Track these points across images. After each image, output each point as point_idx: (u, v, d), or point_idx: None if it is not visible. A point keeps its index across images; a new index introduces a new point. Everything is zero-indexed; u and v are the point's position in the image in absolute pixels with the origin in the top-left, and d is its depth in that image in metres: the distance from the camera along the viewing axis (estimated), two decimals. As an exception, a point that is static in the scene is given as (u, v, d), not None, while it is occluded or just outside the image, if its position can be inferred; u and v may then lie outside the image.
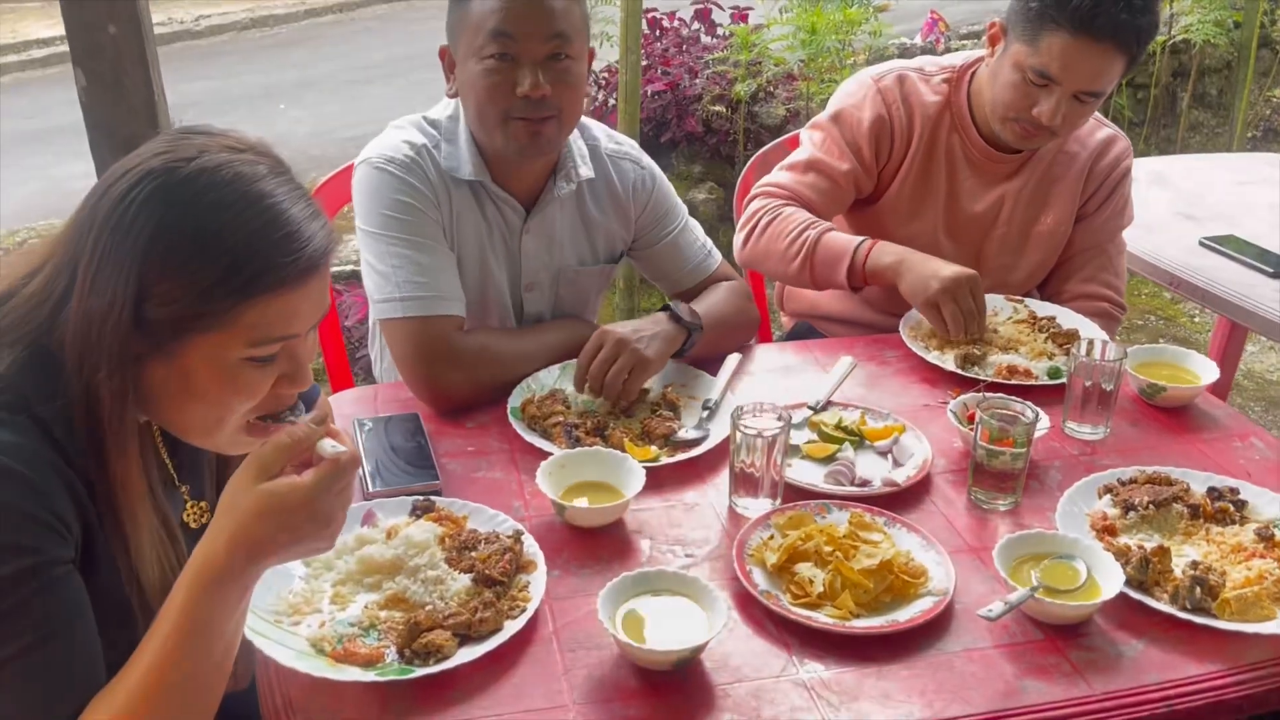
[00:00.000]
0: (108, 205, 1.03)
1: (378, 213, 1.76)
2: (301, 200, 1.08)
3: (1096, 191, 2.15)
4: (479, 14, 1.70)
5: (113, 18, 1.55)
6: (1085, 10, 1.82)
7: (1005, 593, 1.31)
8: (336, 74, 7.92)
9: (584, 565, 1.39)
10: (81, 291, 1.03)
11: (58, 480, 1.04)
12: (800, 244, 2.01)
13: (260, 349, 1.07)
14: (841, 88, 2.17)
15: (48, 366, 1.06)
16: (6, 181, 5.95)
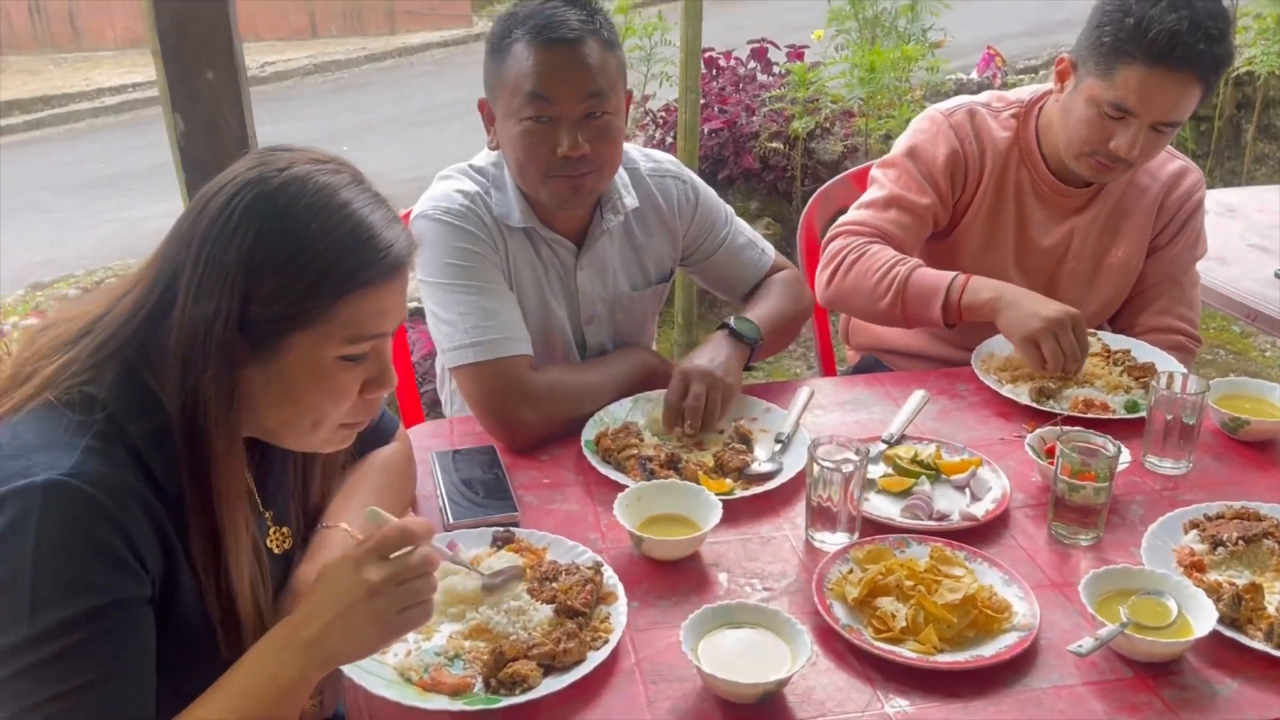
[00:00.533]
0: (208, 217, 1.08)
1: (439, 262, 1.79)
2: (382, 207, 1.14)
3: (1169, 224, 2.13)
4: (515, 75, 1.72)
5: (211, 64, 1.62)
6: (1162, 42, 1.81)
7: (1091, 629, 1.29)
8: (397, 117, 8.09)
9: (662, 597, 1.40)
10: (185, 301, 1.07)
11: (144, 513, 1.06)
12: (890, 281, 1.99)
13: (354, 346, 1.12)
14: (912, 125, 2.17)
15: (138, 388, 1.10)
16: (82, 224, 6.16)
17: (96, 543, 1.02)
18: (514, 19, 1.75)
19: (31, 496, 1.00)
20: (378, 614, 1.06)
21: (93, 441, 1.05)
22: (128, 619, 1.05)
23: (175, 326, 1.08)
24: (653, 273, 2.03)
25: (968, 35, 6.59)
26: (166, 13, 1.65)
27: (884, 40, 4.59)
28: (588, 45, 1.72)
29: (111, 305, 1.13)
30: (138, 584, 1.06)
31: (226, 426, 1.10)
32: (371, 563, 1.06)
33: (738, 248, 2.07)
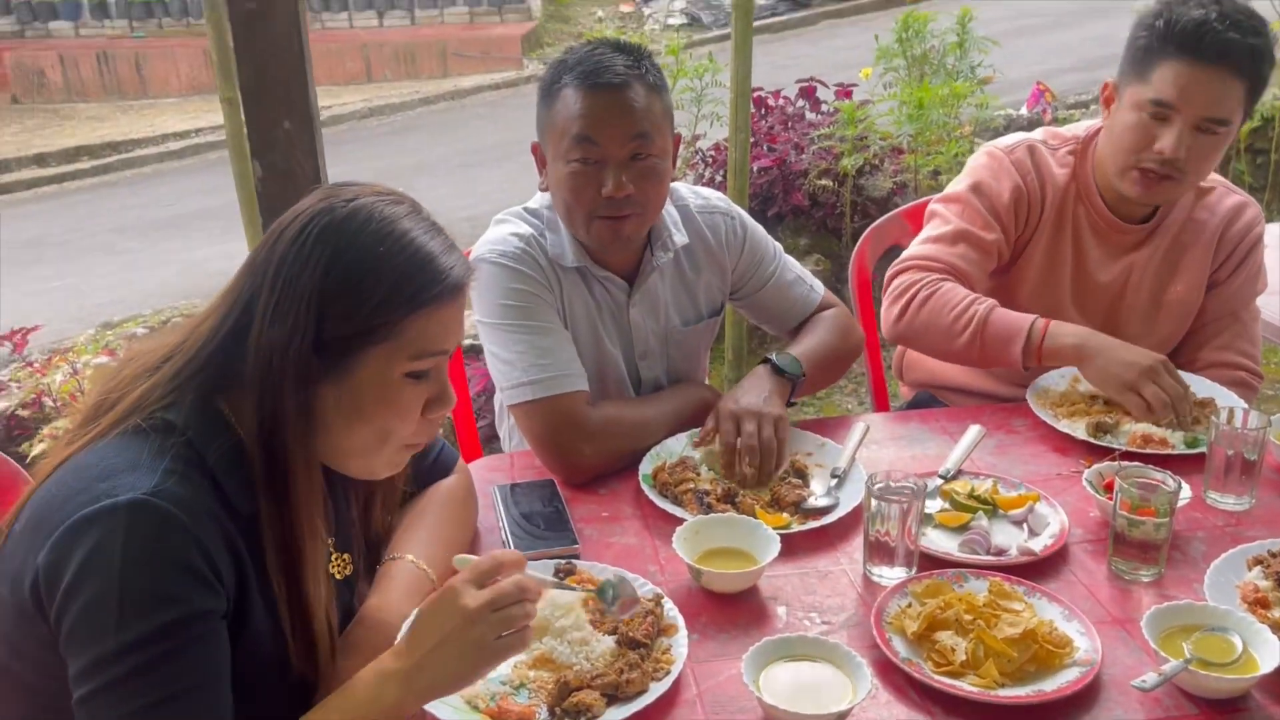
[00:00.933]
0: (283, 246, 1.16)
1: (496, 304, 1.85)
2: (440, 234, 1.24)
3: (1229, 258, 2.12)
4: (564, 119, 1.78)
5: (288, 114, 1.71)
6: (1190, 33, 1.85)
7: (1154, 664, 1.28)
8: (450, 158, 8.25)
9: (722, 630, 1.42)
10: (261, 324, 1.15)
11: (219, 534, 1.12)
12: (969, 320, 1.98)
13: (419, 362, 1.20)
14: (972, 162, 2.18)
15: (213, 414, 1.17)
16: (149, 265, 6.35)
17: (177, 558, 1.08)
18: (564, 65, 1.82)
19: (117, 515, 1.06)
20: (476, 640, 1.11)
21: (172, 464, 1.11)
22: (208, 632, 1.10)
23: (252, 349, 1.15)
24: (704, 307, 2.06)
25: (1017, 71, 6.60)
26: (248, 66, 1.74)
27: (932, 77, 4.61)
28: (633, 89, 1.77)
29: (190, 332, 1.21)
30: (216, 599, 1.11)
31: (305, 443, 1.17)
32: (468, 592, 1.12)
33: (786, 283, 2.10)
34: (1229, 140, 1.96)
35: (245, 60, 1.72)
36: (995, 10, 9.20)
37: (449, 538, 1.49)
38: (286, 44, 1.70)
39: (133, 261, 6.48)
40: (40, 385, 3.48)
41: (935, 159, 4.37)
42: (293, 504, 1.17)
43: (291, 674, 1.23)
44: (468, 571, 1.15)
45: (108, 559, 1.05)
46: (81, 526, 1.07)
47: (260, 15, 1.67)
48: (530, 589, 1.16)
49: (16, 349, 3.75)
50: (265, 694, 1.17)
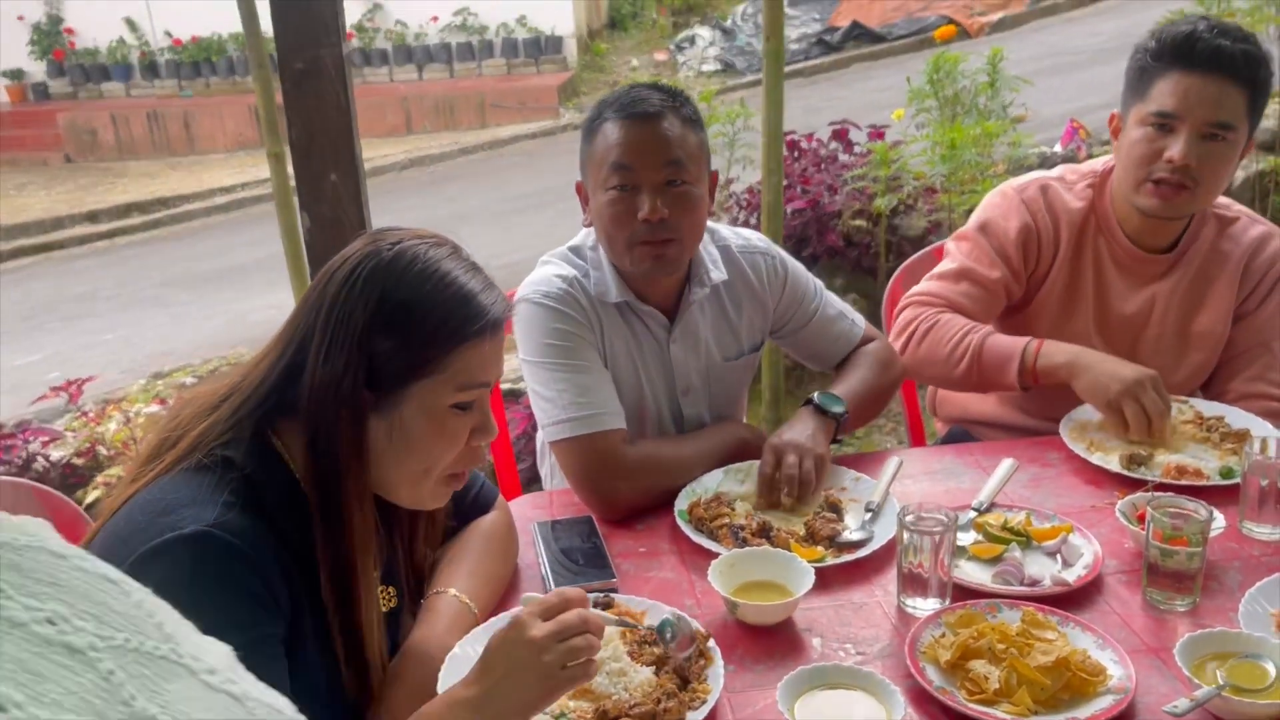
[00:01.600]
0: (334, 287, 1.24)
1: (539, 343, 1.90)
2: (479, 273, 1.32)
3: (1255, 289, 2.13)
4: (602, 150, 1.86)
5: (335, 167, 1.80)
6: (1181, 43, 1.91)
7: (1188, 691, 1.29)
8: (489, 206, 8.40)
9: (758, 661, 1.44)
10: (314, 363, 1.22)
11: (276, 564, 1.18)
12: (964, 348, 2.04)
13: (465, 394, 1.26)
14: (985, 200, 2.23)
15: (267, 451, 1.23)
16: (196, 315, 6.50)
17: (243, 584, 1.14)
18: (604, 104, 1.91)
19: (182, 547, 1.13)
20: (543, 670, 1.16)
21: (230, 498, 1.17)
22: (274, 654, 1.16)
23: (306, 386, 1.22)
24: (745, 343, 2.11)
25: (1051, 109, 6.62)
26: (297, 123, 1.83)
27: (964, 117, 4.65)
28: (667, 119, 1.85)
29: (248, 372, 1.28)
30: (277, 623, 1.17)
31: (359, 475, 1.23)
32: (535, 624, 1.17)
33: (829, 319, 2.14)
34: (1239, 148, 1.98)
35: (295, 117, 1.81)
36: (1029, 49, 9.27)
37: (490, 572, 1.53)
38: (334, 100, 1.79)
39: (182, 313, 6.65)
40: (94, 434, 3.60)
41: (971, 198, 4.40)
42: (346, 535, 1.22)
43: (341, 704, 1.27)
44: (535, 606, 1.21)
45: (175, 589, 1.10)
46: (148, 559, 1.13)
47: (309, 74, 1.77)
48: (593, 622, 1.21)
49: (72, 399, 3.88)
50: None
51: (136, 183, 10.35)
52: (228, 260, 7.68)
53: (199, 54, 11.96)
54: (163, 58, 12.05)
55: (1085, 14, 11.60)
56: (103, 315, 6.84)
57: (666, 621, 1.37)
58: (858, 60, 11.23)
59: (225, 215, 9.47)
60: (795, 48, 11.41)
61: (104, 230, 9.26)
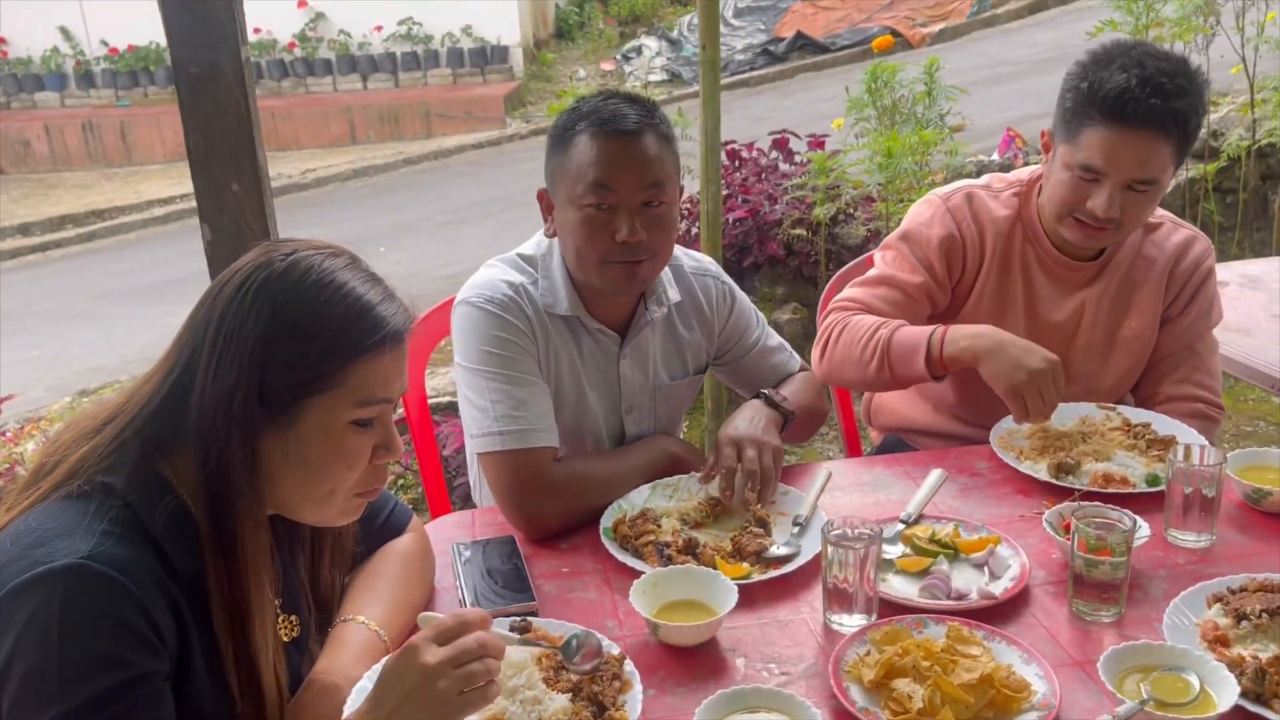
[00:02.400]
0: (223, 301, 1.17)
1: (477, 349, 1.85)
2: (379, 284, 1.25)
3: (1180, 294, 2.14)
4: (578, 164, 1.80)
5: (237, 177, 1.73)
6: (1112, 99, 1.85)
7: (1113, 706, 1.27)
8: (432, 216, 8.31)
9: (679, 684, 1.40)
10: (204, 380, 1.15)
11: (161, 595, 1.12)
12: (874, 344, 2.02)
13: (364, 409, 1.21)
14: (911, 208, 2.21)
15: (153, 476, 1.16)
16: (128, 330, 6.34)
17: (119, 620, 1.07)
18: (577, 113, 1.83)
19: (53, 581, 1.05)
20: (438, 697, 1.10)
21: (109, 527, 1.11)
22: (153, 693, 1.09)
23: (195, 405, 1.15)
24: (691, 364, 2.08)
25: (990, 118, 6.70)
26: (195, 130, 1.76)
27: (902, 126, 4.67)
28: (647, 138, 1.80)
29: (133, 394, 1.21)
30: (159, 660, 1.10)
31: (250, 496, 1.16)
32: (428, 650, 1.12)
33: (769, 350, 2.14)
34: (1164, 189, 1.98)
35: (191, 124, 1.74)
36: (969, 60, 9.39)
37: (403, 599, 1.47)
38: (233, 106, 1.72)
39: (114, 328, 6.49)
40: (13, 455, 3.47)
41: (908, 206, 4.40)
42: (239, 559, 1.16)
43: None
44: (430, 629, 1.15)
45: (44, 626, 1.04)
46: (19, 593, 1.06)
47: (205, 79, 1.69)
48: (492, 646, 1.15)
49: (-10, 418, 3.75)
50: None
51: (71, 194, 10.12)
52: (163, 273, 7.51)
53: (136, 63, 11.73)
54: (98, 67, 11.80)
55: (1023, 25, 11.78)
56: (31, 330, 6.65)
57: (573, 636, 1.32)
58: (802, 70, 11.31)
59: (163, 227, 9.28)
60: (740, 58, 11.46)
61: (36, 243, 9.03)
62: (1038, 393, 1.85)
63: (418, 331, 2.22)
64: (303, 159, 10.45)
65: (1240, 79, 5.30)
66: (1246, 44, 5.04)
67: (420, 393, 2.33)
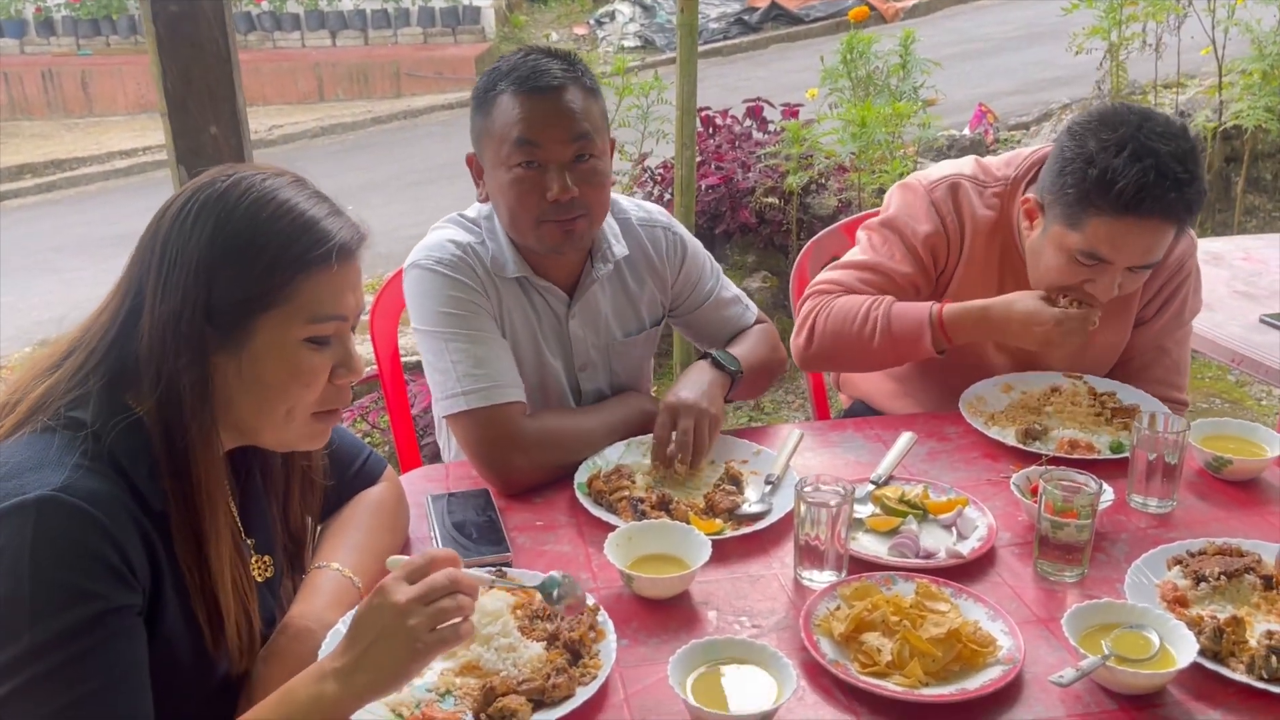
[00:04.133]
0: (167, 223, 1.17)
1: (432, 311, 1.83)
2: (324, 202, 1.24)
3: (1156, 295, 2.10)
4: (502, 124, 1.78)
5: (215, 120, 1.70)
6: (1129, 195, 1.75)
7: (1075, 661, 1.30)
8: (401, 176, 8.22)
9: (652, 635, 1.42)
10: (152, 303, 1.14)
11: (134, 529, 1.11)
12: (872, 323, 1.98)
13: (317, 326, 1.20)
14: (894, 194, 2.14)
15: (119, 407, 1.15)
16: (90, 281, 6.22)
17: (91, 553, 1.06)
18: (497, 73, 1.81)
19: (26, 513, 1.05)
20: (409, 634, 1.10)
21: (81, 460, 1.10)
22: (125, 627, 1.09)
23: (145, 327, 1.14)
24: (646, 318, 2.07)
25: (961, 93, 6.73)
26: (173, 70, 1.72)
27: (875, 98, 4.69)
28: (570, 91, 1.78)
29: (89, 326, 1.19)
30: (131, 593, 1.10)
31: (202, 417, 1.15)
32: (399, 587, 1.11)
33: (724, 302, 2.13)
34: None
35: (170, 64, 1.70)
36: (941, 35, 9.40)
37: (376, 546, 1.47)
38: (212, 47, 1.68)
39: (74, 279, 6.37)
40: (-28, 403, 3.40)
41: (880, 177, 4.44)
42: (193, 483, 1.15)
43: (216, 673, 1.21)
44: (400, 569, 1.15)
45: (16, 558, 1.04)
46: None
47: (184, 17, 1.65)
48: (464, 582, 1.14)
49: (-52, 366, 3.67)
50: (187, 693, 1.15)
51: (29, 143, 9.87)
52: (125, 226, 7.32)
53: (98, 11, 11.43)
54: (59, 14, 11.48)
55: (995, 2, 11.82)
56: (-12, 280, 6.51)
57: (552, 579, 1.32)
58: (775, 41, 11.27)
59: (125, 179, 9.10)
60: (714, 27, 11.39)
61: (-8, 192, 8.82)
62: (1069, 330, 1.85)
63: (389, 290, 2.23)
64: (269, 115, 10.26)
65: (1209, 61, 5.36)
66: (1217, 26, 5.10)
67: (393, 352, 2.32)
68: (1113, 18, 5.04)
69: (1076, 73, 6.13)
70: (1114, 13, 5.01)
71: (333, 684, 1.10)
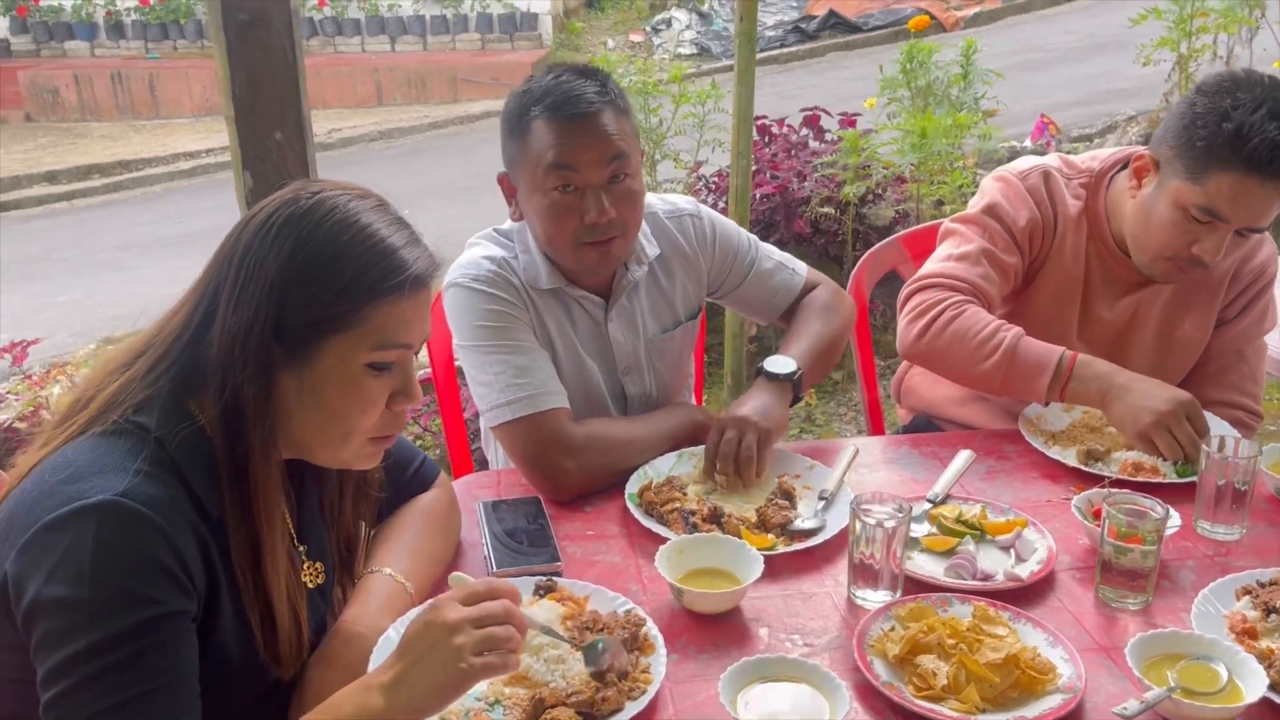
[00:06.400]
0: (248, 236, 1.18)
1: (471, 326, 1.85)
2: (404, 229, 1.25)
3: (1239, 296, 2.07)
4: (538, 148, 1.78)
5: (280, 125, 1.73)
6: (1263, 152, 1.75)
7: (1139, 692, 1.26)
8: (456, 180, 8.29)
9: (702, 650, 1.40)
10: (225, 312, 1.15)
11: (192, 535, 1.13)
12: (994, 347, 1.91)
13: (381, 353, 1.20)
14: (988, 186, 2.11)
15: (184, 416, 1.17)
16: (154, 280, 6.37)
17: (149, 558, 1.08)
18: (529, 96, 1.80)
19: (87, 517, 1.06)
20: (454, 653, 1.10)
21: (143, 465, 1.11)
22: (178, 632, 1.10)
23: (216, 336, 1.16)
24: (682, 312, 2.07)
25: (1023, 105, 6.63)
26: (241, 76, 1.75)
27: (936, 108, 4.63)
28: (605, 115, 1.78)
29: (163, 327, 1.21)
30: (186, 599, 1.11)
31: (262, 431, 1.17)
32: (453, 607, 1.12)
33: (766, 272, 2.10)
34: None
35: (238, 70, 1.73)
36: (1002, 45, 9.28)
37: (429, 552, 1.48)
38: (280, 55, 1.71)
39: (138, 277, 6.51)
40: (38, 398, 3.49)
41: (939, 189, 4.38)
42: (251, 492, 1.17)
43: (266, 678, 1.22)
44: (458, 590, 1.15)
45: (78, 561, 1.05)
46: (52, 529, 1.07)
47: (254, 24, 1.68)
48: (517, 617, 1.14)
49: (16, 362, 3.76)
50: (239, 697, 1.16)
51: (98, 144, 10.13)
52: (188, 226, 7.52)
53: (166, 15, 11.70)
54: (129, 18, 11.76)
55: (1058, 12, 11.65)
56: (56, 277, 6.68)
57: (597, 643, 1.30)
58: (833, 49, 11.20)
59: (188, 180, 9.29)
60: (771, 34, 11.36)
61: (62, 191, 9.04)
62: (1167, 432, 1.78)
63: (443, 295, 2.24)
64: (329, 118, 10.42)
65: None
66: (1291, 39, 4.97)
67: (447, 357, 2.33)
68: (1183, 29, 4.93)
69: (1142, 85, 6.02)
70: (1184, 24, 4.90)
71: (378, 697, 1.10)
